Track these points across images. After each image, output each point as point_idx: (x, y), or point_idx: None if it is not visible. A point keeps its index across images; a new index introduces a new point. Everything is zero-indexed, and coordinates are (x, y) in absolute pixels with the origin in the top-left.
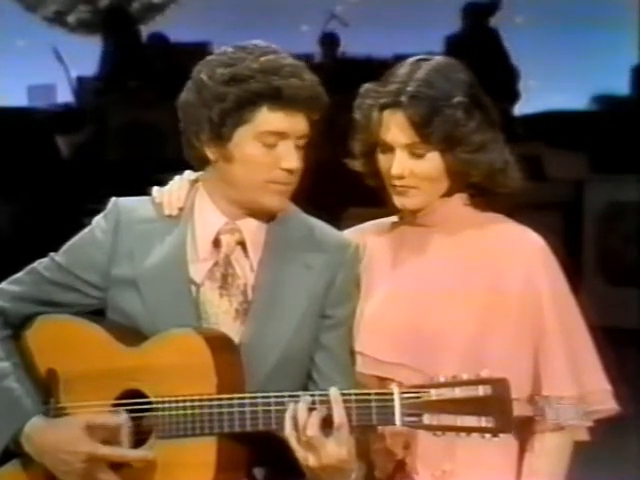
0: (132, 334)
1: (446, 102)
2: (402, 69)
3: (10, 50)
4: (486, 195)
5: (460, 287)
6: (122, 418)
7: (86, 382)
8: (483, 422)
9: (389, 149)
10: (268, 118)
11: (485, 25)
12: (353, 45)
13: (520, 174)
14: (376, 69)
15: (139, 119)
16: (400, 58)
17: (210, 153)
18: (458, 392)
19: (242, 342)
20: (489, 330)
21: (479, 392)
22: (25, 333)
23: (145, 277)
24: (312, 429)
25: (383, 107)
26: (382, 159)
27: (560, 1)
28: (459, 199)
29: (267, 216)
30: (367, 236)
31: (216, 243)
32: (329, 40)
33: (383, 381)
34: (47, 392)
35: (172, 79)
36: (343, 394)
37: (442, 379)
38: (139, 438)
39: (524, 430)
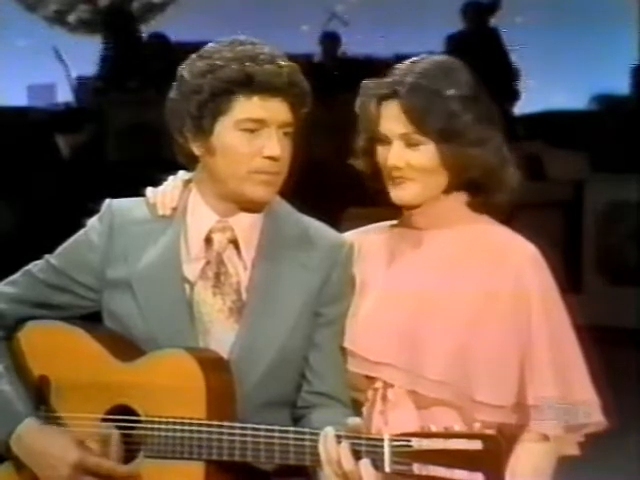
0: (125, 347)
1: (441, 93)
2: (403, 65)
3: (10, 50)
4: (485, 194)
5: (450, 291)
6: (114, 439)
7: (77, 392)
8: (473, 477)
9: (386, 141)
10: (245, 106)
11: (485, 25)
12: (353, 45)
13: (519, 174)
14: (376, 68)
15: (139, 118)
16: (400, 57)
17: (195, 148)
18: (449, 444)
19: (237, 341)
20: (478, 335)
21: (470, 446)
22: (18, 336)
23: (139, 278)
24: (347, 462)
25: (382, 99)
26: (380, 152)
27: (560, 1)
28: (456, 201)
29: (257, 210)
30: (365, 237)
31: (208, 241)
32: (329, 40)
33: (371, 380)
34: (39, 398)
35: (172, 78)
36: (336, 435)
37: (434, 428)
38: (127, 455)
39: (509, 438)
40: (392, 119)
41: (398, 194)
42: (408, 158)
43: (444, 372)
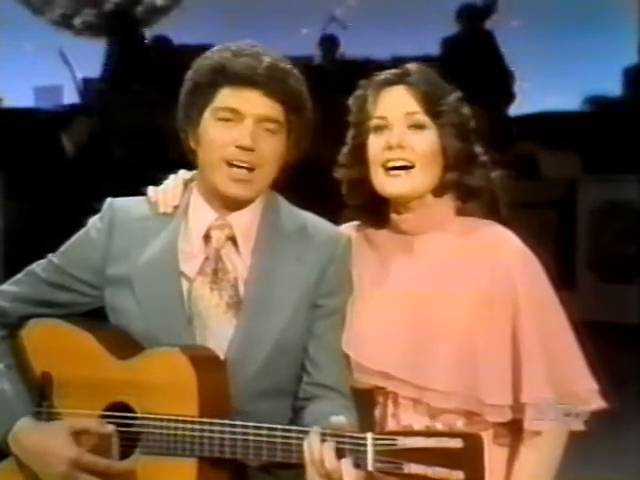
0: (124, 344)
1: (444, 86)
2: (395, 68)
3: (17, 52)
4: (464, 191)
5: (447, 297)
6: (108, 428)
7: (77, 389)
8: (454, 475)
9: (383, 126)
10: (222, 96)
11: (481, 28)
12: (352, 47)
13: (488, 177)
14: (374, 71)
15: (143, 120)
16: (398, 60)
17: (192, 144)
18: (431, 442)
19: (235, 334)
20: (477, 338)
21: (451, 444)
22: (20, 333)
23: (138, 274)
24: (330, 461)
25: (383, 85)
26: (375, 141)
27: (555, 5)
28: (443, 204)
29: (241, 207)
30: (355, 237)
31: (207, 238)
32: (329, 42)
33: (379, 388)
34: (41, 394)
35: (175, 81)
36: (321, 433)
37: (416, 427)
38: (125, 451)
39: (513, 435)
40: (395, 101)
41: (394, 185)
42: (410, 140)
43: (451, 382)
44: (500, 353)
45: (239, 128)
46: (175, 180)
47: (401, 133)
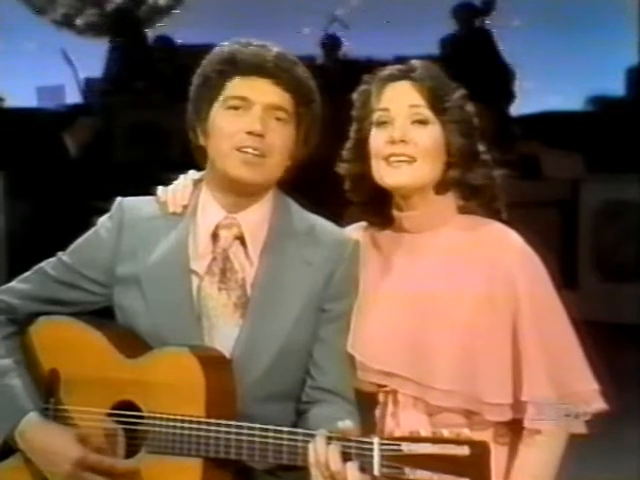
0: (132, 343)
1: (450, 83)
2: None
3: (20, 52)
4: (466, 189)
5: (450, 296)
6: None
7: (85, 387)
8: None
9: (387, 121)
10: (231, 85)
11: (482, 27)
12: (354, 47)
13: (489, 176)
14: (377, 70)
15: (145, 119)
16: (400, 59)
17: (202, 140)
18: (437, 449)
19: (241, 335)
20: (478, 337)
21: (458, 451)
22: (29, 330)
23: (147, 273)
24: (335, 464)
25: (387, 80)
26: (377, 135)
27: (556, 4)
28: (445, 202)
29: (248, 195)
30: (360, 237)
31: (215, 237)
32: (331, 42)
33: (381, 386)
34: (49, 391)
35: (177, 80)
36: (327, 436)
37: (423, 433)
38: (130, 449)
39: (513, 435)
40: (399, 95)
41: (394, 176)
42: (413, 135)
43: (452, 380)
44: (501, 352)
45: (248, 115)
46: (185, 180)
47: (404, 127)
